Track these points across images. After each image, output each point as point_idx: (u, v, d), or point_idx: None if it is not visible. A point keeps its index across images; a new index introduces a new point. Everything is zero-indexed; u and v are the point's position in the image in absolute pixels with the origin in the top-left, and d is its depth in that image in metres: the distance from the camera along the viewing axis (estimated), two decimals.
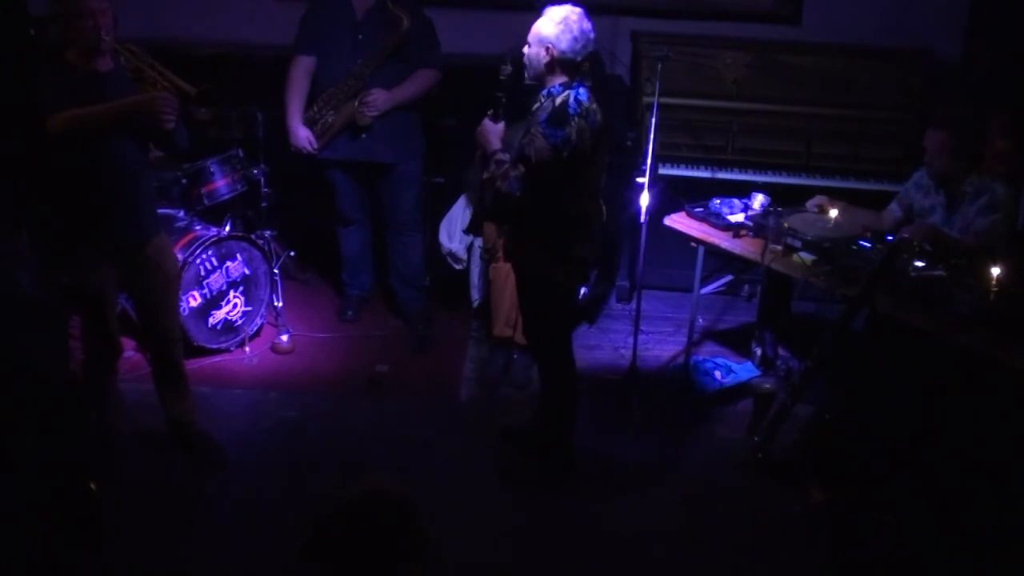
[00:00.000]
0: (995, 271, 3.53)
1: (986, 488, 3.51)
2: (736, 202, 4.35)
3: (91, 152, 3.34)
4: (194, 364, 4.32)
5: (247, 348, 4.67)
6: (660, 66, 4.30)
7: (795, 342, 4.62)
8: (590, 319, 5.09)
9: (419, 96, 4.57)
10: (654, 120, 4.28)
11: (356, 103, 4.46)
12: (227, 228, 4.79)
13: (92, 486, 3.38)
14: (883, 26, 5.25)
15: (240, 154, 4.81)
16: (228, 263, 4.59)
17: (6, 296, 4.05)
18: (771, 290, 4.64)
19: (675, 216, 4.42)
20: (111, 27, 3.31)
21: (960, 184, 4.01)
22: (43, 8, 3.78)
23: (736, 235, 4.21)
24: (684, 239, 4.37)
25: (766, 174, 4.99)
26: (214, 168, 4.69)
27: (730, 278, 5.32)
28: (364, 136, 4.52)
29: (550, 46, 3.32)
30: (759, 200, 4.33)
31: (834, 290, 3.82)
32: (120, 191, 3.45)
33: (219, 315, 4.59)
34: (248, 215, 5.07)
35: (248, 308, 4.71)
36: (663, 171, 4.92)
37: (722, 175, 5.00)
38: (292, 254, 5.14)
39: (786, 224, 4.02)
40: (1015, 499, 3.45)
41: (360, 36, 4.46)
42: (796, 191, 4.73)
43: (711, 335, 5.02)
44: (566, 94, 3.32)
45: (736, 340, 4.92)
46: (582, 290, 4.52)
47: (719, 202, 4.34)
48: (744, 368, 4.58)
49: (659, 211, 4.46)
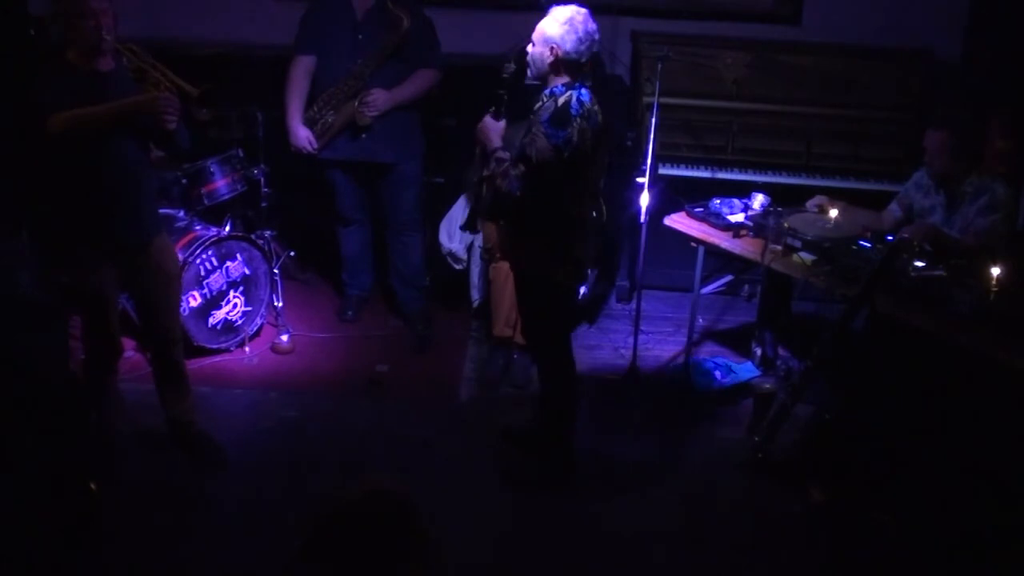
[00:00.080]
0: (995, 271, 3.53)
1: (986, 488, 3.51)
2: (736, 202, 4.35)
3: (92, 152, 3.33)
4: (194, 364, 4.32)
5: (247, 348, 4.67)
6: (660, 66, 4.31)
7: (795, 342, 4.62)
8: (590, 319, 5.09)
9: (419, 96, 4.57)
10: (654, 120, 4.28)
11: (356, 103, 4.46)
12: (227, 228, 4.79)
13: (92, 486, 3.38)
14: (883, 26, 5.25)
15: (240, 154, 4.80)
16: (228, 263, 4.59)
17: (6, 296, 4.04)
18: (771, 290, 4.64)
19: (675, 216, 4.42)
20: (112, 27, 3.31)
21: (960, 184, 4.01)
22: (43, 8, 3.78)
23: (736, 235, 4.21)
24: (684, 239, 4.37)
25: (766, 174, 4.99)
26: (214, 168, 4.69)
27: (730, 278, 5.32)
28: (364, 136, 4.52)
29: (554, 46, 3.31)
30: (759, 200, 4.34)
31: (834, 290, 3.82)
32: (121, 191, 3.45)
33: (219, 315, 4.59)
34: (248, 215, 5.07)
35: (248, 308, 4.71)
36: (663, 171, 4.92)
37: (722, 175, 5.00)
38: (292, 254, 5.13)
39: (786, 224, 4.02)
40: (1015, 499, 3.45)
41: (360, 36, 4.46)
42: (796, 191, 4.73)
43: (711, 335, 5.02)
44: (568, 94, 3.31)
45: (736, 340, 4.92)
46: (582, 290, 4.52)
47: (719, 202, 4.34)
48: (744, 368, 4.58)
49: (659, 211, 4.47)
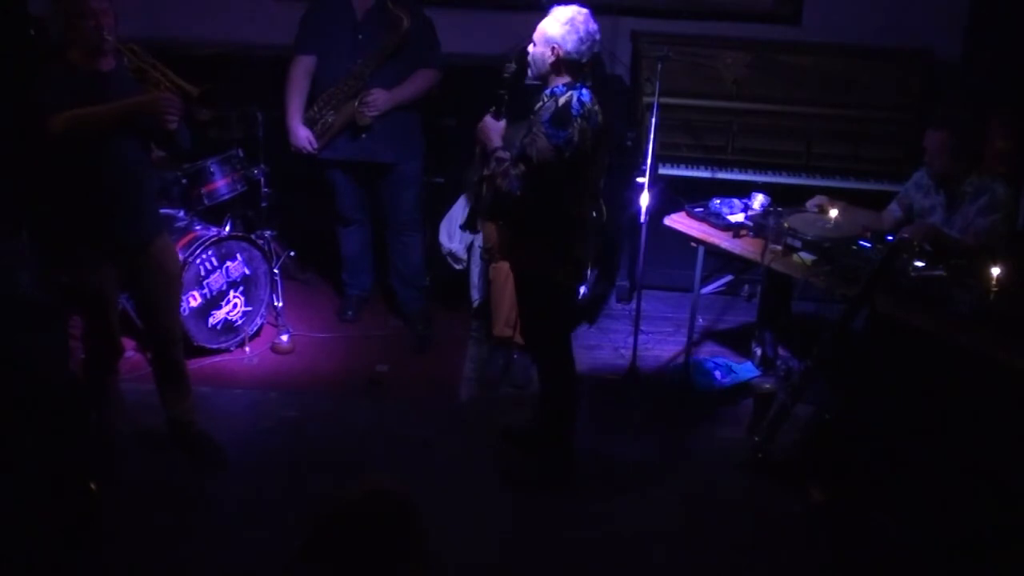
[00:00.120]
0: (995, 271, 3.53)
1: (986, 488, 3.51)
2: (736, 202, 4.35)
3: (93, 152, 3.33)
4: (194, 364, 4.32)
5: (247, 348, 4.67)
6: (660, 66, 4.31)
7: (795, 342, 4.62)
8: (590, 319, 5.09)
9: (419, 96, 4.57)
10: (654, 120, 4.28)
11: (356, 103, 4.46)
12: (227, 228, 4.79)
13: (92, 486, 3.38)
14: (883, 26, 5.25)
15: (240, 154, 4.80)
16: (228, 263, 4.59)
17: (6, 296, 4.04)
18: (771, 290, 4.64)
19: (675, 216, 4.42)
20: (113, 27, 3.31)
21: (960, 184, 4.01)
22: (43, 8, 3.78)
23: (736, 235, 4.21)
24: (684, 239, 4.36)
25: (766, 174, 4.99)
26: (214, 168, 4.69)
27: (730, 278, 5.32)
28: (364, 136, 4.52)
29: (556, 46, 3.31)
30: (759, 200, 4.33)
31: (834, 290, 3.82)
32: (122, 191, 3.44)
33: (219, 315, 4.59)
34: (248, 215, 5.07)
35: (248, 308, 4.71)
36: (663, 171, 4.92)
37: (722, 175, 5.00)
38: (292, 254, 5.13)
39: (786, 224, 4.02)
40: (1015, 499, 3.45)
41: (360, 36, 4.46)
42: (796, 191, 4.73)
43: (711, 335, 5.02)
44: (569, 95, 3.31)
45: (736, 340, 4.92)
46: (582, 290, 4.52)
47: (719, 202, 4.34)
48: (744, 368, 4.58)
49: (659, 211, 4.47)
